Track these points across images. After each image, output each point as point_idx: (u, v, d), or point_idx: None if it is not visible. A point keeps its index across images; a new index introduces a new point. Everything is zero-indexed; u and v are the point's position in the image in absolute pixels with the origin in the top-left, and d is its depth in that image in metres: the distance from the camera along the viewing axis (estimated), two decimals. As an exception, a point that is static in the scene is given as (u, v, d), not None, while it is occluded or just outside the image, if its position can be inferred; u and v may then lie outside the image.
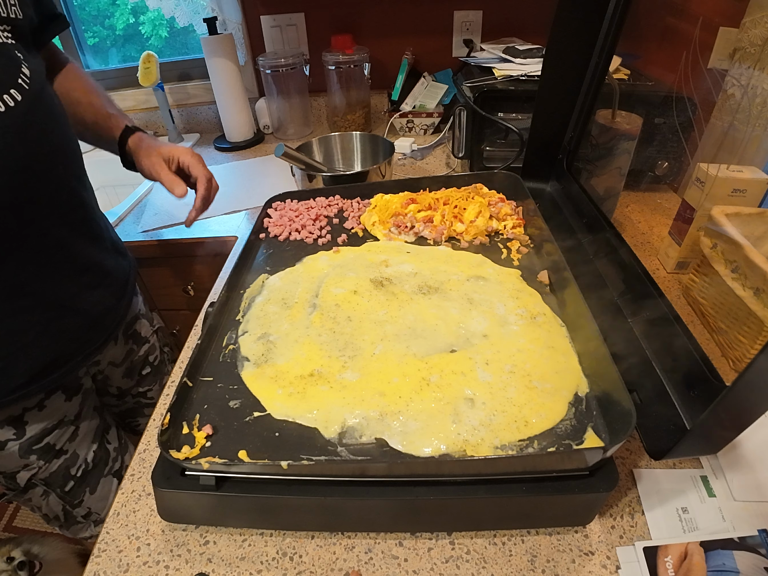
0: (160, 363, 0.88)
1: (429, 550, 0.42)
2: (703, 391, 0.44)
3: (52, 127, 0.57)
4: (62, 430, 0.68)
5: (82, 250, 0.63)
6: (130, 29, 1.48)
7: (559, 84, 0.72)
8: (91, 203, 0.66)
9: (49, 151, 0.56)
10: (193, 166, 0.73)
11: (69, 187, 0.61)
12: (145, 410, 0.89)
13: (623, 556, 0.41)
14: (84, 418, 0.71)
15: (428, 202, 0.72)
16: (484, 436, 0.41)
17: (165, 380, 0.88)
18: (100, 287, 0.66)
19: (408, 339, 0.51)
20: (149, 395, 0.87)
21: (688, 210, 0.68)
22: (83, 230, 0.64)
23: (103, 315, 0.68)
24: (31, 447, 0.64)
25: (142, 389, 0.86)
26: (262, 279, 0.64)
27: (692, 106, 0.80)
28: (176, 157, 0.73)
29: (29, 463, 0.65)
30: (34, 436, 0.64)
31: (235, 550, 0.43)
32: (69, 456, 0.69)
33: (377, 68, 1.28)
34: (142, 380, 0.85)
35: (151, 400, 0.88)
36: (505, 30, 1.24)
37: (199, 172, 0.73)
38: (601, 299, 0.57)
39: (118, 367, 0.79)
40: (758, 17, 0.69)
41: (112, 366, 0.78)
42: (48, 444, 0.66)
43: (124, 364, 0.80)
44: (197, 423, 0.45)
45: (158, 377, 0.88)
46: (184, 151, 0.74)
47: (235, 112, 1.28)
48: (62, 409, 0.67)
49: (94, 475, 0.73)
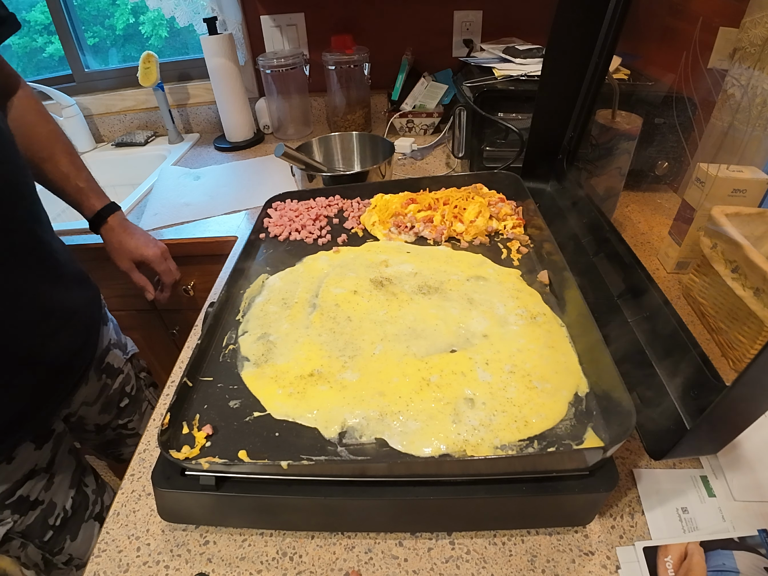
0: (137, 392, 0.84)
1: (429, 550, 0.42)
2: (703, 391, 0.44)
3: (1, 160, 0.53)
4: (35, 480, 0.63)
5: (44, 292, 0.59)
6: (130, 29, 1.47)
7: (559, 84, 0.71)
8: (47, 238, 0.62)
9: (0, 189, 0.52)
10: (163, 275, 0.82)
11: (24, 229, 0.57)
12: (128, 440, 0.85)
13: (623, 556, 0.41)
14: (58, 464, 0.67)
15: (428, 202, 0.72)
16: (484, 436, 0.41)
17: (145, 408, 0.86)
18: (65, 330, 0.63)
19: (408, 339, 0.51)
20: (130, 426, 0.83)
21: (688, 210, 0.68)
22: (42, 271, 0.60)
23: (70, 360, 0.65)
24: (3, 502, 0.60)
25: (122, 421, 0.82)
26: (262, 279, 0.64)
27: (692, 106, 0.80)
28: (148, 264, 0.80)
29: (3, 518, 0.60)
30: (5, 490, 0.60)
31: (235, 550, 0.43)
32: (45, 506, 0.65)
33: (377, 68, 1.28)
34: (121, 412, 0.81)
35: (132, 431, 0.84)
36: (505, 30, 1.24)
37: (168, 279, 0.83)
38: (601, 299, 0.57)
39: (93, 405, 0.75)
40: (758, 17, 0.68)
41: (85, 406, 0.74)
42: (21, 497, 0.61)
43: (99, 400, 0.76)
44: (197, 423, 0.45)
45: (137, 406, 0.84)
46: (154, 259, 0.80)
47: (235, 112, 1.28)
48: (32, 458, 0.63)
49: (74, 522, 0.69)
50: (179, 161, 1.28)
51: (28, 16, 1.44)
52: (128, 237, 0.78)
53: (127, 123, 1.45)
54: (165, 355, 1.19)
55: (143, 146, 1.36)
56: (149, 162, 1.31)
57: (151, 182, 1.15)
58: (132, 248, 0.78)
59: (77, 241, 0.95)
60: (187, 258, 0.97)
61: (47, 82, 1.30)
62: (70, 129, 1.33)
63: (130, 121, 1.44)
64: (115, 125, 1.45)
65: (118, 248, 0.77)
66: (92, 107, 1.41)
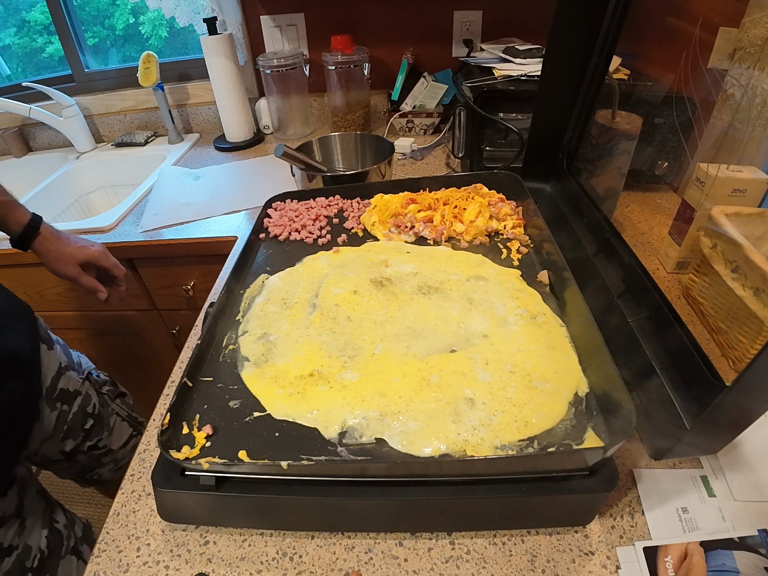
0: (101, 408, 0.81)
1: (429, 550, 0.42)
2: (703, 391, 0.44)
3: None
4: (6, 527, 0.61)
5: None
6: (130, 29, 1.47)
7: (559, 84, 0.72)
8: None
9: None
10: (112, 269, 0.80)
11: None
12: (102, 459, 0.82)
13: (623, 556, 0.41)
14: (27, 507, 0.65)
15: (428, 202, 0.72)
16: (484, 436, 0.41)
17: (114, 422, 0.83)
18: (9, 377, 0.60)
19: (408, 339, 0.51)
20: (101, 445, 0.80)
21: (688, 210, 0.68)
22: None
23: (21, 405, 0.63)
24: None
25: (91, 443, 0.79)
26: (262, 279, 0.64)
27: (692, 106, 0.80)
28: (92, 263, 0.77)
29: None
30: None
31: (235, 550, 0.43)
32: (21, 551, 0.63)
33: (377, 68, 1.28)
34: (88, 434, 0.78)
35: (104, 449, 0.81)
36: (505, 30, 1.24)
37: (118, 272, 0.81)
38: (601, 299, 0.57)
39: (52, 438, 0.72)
40: (758, 17, 0.68)
41: (45, 441, 0.71)
42: None
43: (59, 431, 0.72)
44: (197, 423, 0.45)
45: (104, 424, 0.81)
46: (98, 256, 0.77)
47: (235, 112, 1.28)
48: (3, 507, 0.61)
49: (51, 562, 0.67)
50: (179, 161, 1.28)
51: (28, 16, 1.44)
52: (65, 243, 0.74)
53: (127, 123, 1.45)
54: (165, 355, 1.19)
55: (143, 146, 1.36)
56: (149, 162, 1.31)
57: (151, 182, 1.15)
58: (74, 251, 0.74)
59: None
60: (187, 258, 0.97)
61: (47, 82, 1.30)
62: (70, 129, 1.34)
63: (130, 121, 1.44)
64: (115, 125, 1.45)
65: (59, 256, 0.73)
66: (92, 107, 1.41)
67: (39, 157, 1.43)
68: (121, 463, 0.86)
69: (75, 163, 1.34)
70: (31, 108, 1.28)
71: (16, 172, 1.41)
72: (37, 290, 1.07)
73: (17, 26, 1.45)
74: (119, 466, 0.86)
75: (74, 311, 1.12)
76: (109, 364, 1.26)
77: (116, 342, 1.19)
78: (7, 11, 1.42)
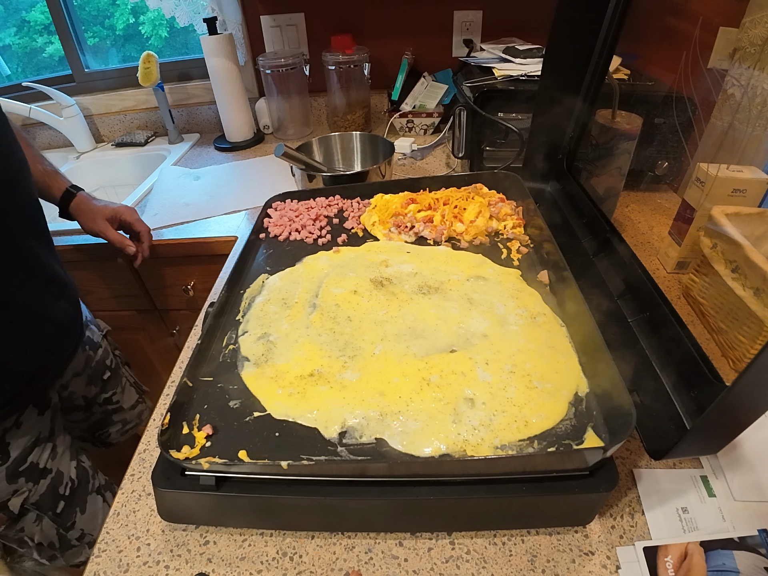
0: (116, 366, 0.89)
1: (429, 550, 0.42)
2: (703, 391, 0.44)
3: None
4: (41, 447, 0.67)
5: (46, 261, 0.66)
6: (130, 29, 1.47)
7: (559, 84, 0.72)
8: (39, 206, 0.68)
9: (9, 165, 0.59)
10: (135, 223, 0.86)
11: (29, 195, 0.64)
12: (114, 417, 0.89)
13: (623, 556, 0.41)
14: (58, 434, 0.72)
15: (428, 202, 0.72)
16: (484, 436, 0.41)
17: (124, 383, 0.91)
18: (63, 297, 0.70)
19: (408, 339, 0.51)
20: (114, 399, 0.88)
21: (688, 210, 0.68)
22: (43, 242, 0.67)
23: (70, 323, 0.72)
24: (17, 469, 0.64)
25: (107, 395, 0.86)
26: (262, 279, 0.64)
27: (692, 106, 0.80)
28: (118, 217, 0.84)
29: (18, 488, 0.65)
30: (18, 457, 0.64)
31: (235, 550, 0.43)
32: (54, 475, 0.69)
33: (377, 68, 1.28)
34: (106, 385, 0.86)
35: (116, 405, 0.88)
36: (505, 30, 1.24)
37: (141, 227, 0.87)
38: (601, 299, 0.57)
39: (81, 375, 0.80)
40: (758, 17, 0.68)
41: (75, 377, 0.78)
42: (32, 464, 0.66)
43: (86, 371, 0.80)
44: (197, 423, 0.45)
45: (118, 380, 0.89)
46: (124, 210, 0.85)
47: (235, 112, 1.28)
48: (37, 425, 0.67)
49: (80, 494, 0.73)
50: (179, 161, 1.28)
51: (28, 16, 1.44)
52: (96, 203, 0.83)
53: (127, 123, 1.45)
54: (165, 355, 1.19)
55: (143, 146, 1.37)
56: (149, 162, 1.31)
57: (151, 182, 1.15)
58: (102, 208, 0.83)
59: (77, 241, 0.96)
60: (187, 258, 0.97)
61: (47, 82, 1.30)
62: (70, 129, 1.33)
63: (130, 121, 1.44)
64: (115, 125, 1.45)
65: (89, 214, 0.81)
66: (92, 107, 1.42)
67: (39, 157, 1.43)
68: (128, 426, 0.93)
69: (75, 163, 1.34)
70: (31, 108, 1.28)
71: (16, 172, 1.41)
72: (37, 290, 1.07)
73: (17, 26, 1.45)
74: (126, 429, 0.92)
75: (74, 311, 1.11)
76: (109, 364, 1.26)
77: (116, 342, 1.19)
78: (7, 11, 1.42)
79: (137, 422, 0.95)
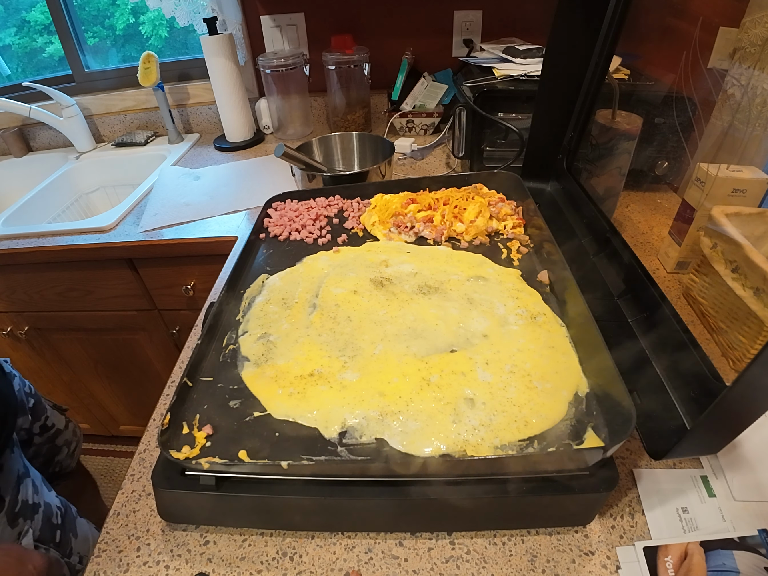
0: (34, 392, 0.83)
1: (429, 550, 0.42)
2: (703, 391, 0.44)
3: None
4: (24, 484, 0.67)
5: None
6: (130, 29, 1.47)
7: (559, 84, 0.72)
8: None
9: None
10: None
11: None
12: (56, 441, 0.85)
13: (623, 556, 0.41)
14: (29, 468, 0.70)
15: (428, 202, 0.72)
16: (484, 436, 0.41)
17: (46, 406, 0.84)
18: None
19: (408, 339, 0.51)
20: (49, 424, 0.83)
21: (688, 210, 0.68)
22: None
23: None
24: (13, 511, 0.63)
25: (41, 422, 0.82)
26: (262, 279, 0.64)
27: (692, 106, 0.80)
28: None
29: (21, 529, 0.63)
30: (10, 499, 0.63)
31: (235, 550, 0.43)
32: (44, 507, 0.68)
33: (377, 68, 1.28)
34: (34, 413, 0.80)
35: (53, 429, 0.84)
36: (505, 30, 1.24)
37: None
38: (601, 299, 0.57)
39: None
40: (758, 17, 0.68)
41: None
42: (23, 501, 0.65)
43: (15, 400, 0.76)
44: (197, 423, 0.45)
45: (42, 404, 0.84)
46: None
47: (235, 112, 1.28)
48: (15, 465, 0.66)
49: (69, 519, 0.73)
50: (179, 161, 1.28)
51: (28, 16, 1.44)
52: None
53: (127, 123, 1.45)
54: (165, 355, 1.19)
55: (143, 146, 1.36)
56: (149, 162, 1.31)
57: (151, 182, 1.15)
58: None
59: (77, 242, 0.96)
60: (187, 258, 0.97)
61: (47, 82, 1.30)
62: (70, 129, 1.34)
63: (130, 121, 1.44)
64: (115, 125, 1.45)
65: None
66: (92, 107, 1.42)
67: (39, 157, 1.43)
68: (72, 446, 0.89)
69: (75, 163, 1.33)
70: (31, 108, 1.28)
71: (16, 172, 1.41)
72: (38, 290, 1.07)
73: (17, 26, 1.45)
74: (72, 450, 0.89)
75: (74, 311, 1.12)
76: (109, 364, 1.26)
77: (116, 342, 1.19)
78: (7, 11, 1.42)
79: (77, 439, 0.91)
